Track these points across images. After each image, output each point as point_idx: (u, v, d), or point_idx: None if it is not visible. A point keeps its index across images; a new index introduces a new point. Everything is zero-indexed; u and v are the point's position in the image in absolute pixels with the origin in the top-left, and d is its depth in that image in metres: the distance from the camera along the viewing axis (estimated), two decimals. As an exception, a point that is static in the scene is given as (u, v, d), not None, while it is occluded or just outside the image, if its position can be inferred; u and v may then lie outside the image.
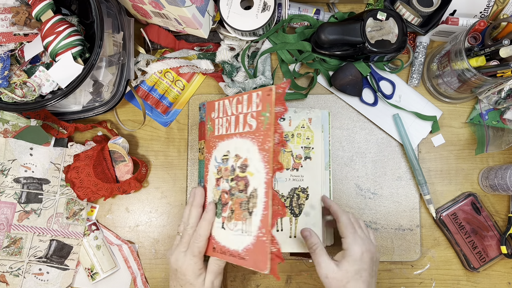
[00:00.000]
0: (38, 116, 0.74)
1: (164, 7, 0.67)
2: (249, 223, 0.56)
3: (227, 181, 0.60)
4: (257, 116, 0.56)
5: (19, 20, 0.68)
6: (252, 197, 0.56)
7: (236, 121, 0.60)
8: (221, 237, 0.60)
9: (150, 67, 0.78)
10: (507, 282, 0.77)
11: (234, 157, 0.60)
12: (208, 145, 0.65)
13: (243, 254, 0.56)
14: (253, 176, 0.56)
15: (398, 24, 0.71)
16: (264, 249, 0.53)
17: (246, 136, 0.58)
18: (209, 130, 0.64)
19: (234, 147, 0.60)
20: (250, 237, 0.55)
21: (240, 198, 0.58)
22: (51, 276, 0.75)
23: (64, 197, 0.76)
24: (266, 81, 0.77)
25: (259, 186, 0.55)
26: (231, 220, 0.59)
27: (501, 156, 0.79)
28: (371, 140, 0.79)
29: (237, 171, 0.59)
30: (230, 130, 0.61)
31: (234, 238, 0.58)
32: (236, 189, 0.59)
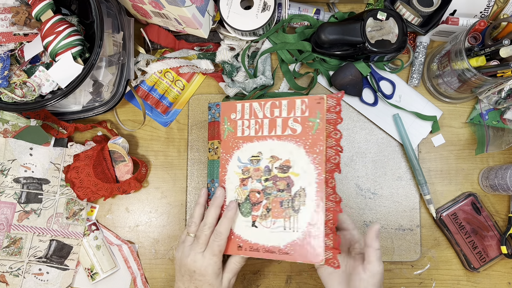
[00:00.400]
0: (38, 116, 0.74)
1: (164, 7, 0.67)
2: (295, 220, 0.61)
3: (259, 181, 0.64)
4: (303, 122, 0.62)
5: (19, 20, 0.68)
6: (298, 196, 0.61)
7: (271, 124, 0.64)
8: (251, 235, 0.63)
9: (150, 67, 0.78)
10: (507, 282, 0.77)
11: (269, 158, 0.64)
12: (227, 146, 0.66)
13: (286, 250, 0.61)
14: (299, 176, 0.62)
15: (398, 24, 0.71)
16: (317, 243, 0.59)
17: (288, 139, 0.63)
18: (228, 130, 0.66)
19: (269, 148, 0.64)
20: (297, 233, 0.60)
21: (281, 197, 0.62)
22: (51, 276, 0.75)
23: (64, 197, 0.76)
24: (266, 81, 0.77)
25: (308, 185, 0.61)
26: (266, 218, 0.63)
27: (501, 156, 0.78)
28: (371, 140, 0.79)
29: (274, 171, 0.63)
30: (262, 132, 0.64)
31: (272, 235, 0.62)
32: (273, 189, 0.63)
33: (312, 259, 0.59)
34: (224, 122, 0.67)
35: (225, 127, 0.67)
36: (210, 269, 0.61)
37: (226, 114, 0.67)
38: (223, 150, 0.66)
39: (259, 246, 0.62)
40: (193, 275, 0.62)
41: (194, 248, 0.62)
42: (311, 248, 0.60)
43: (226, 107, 0.67)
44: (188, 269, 0.62)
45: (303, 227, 0.60)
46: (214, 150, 0.67)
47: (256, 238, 0.63)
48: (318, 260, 0.59)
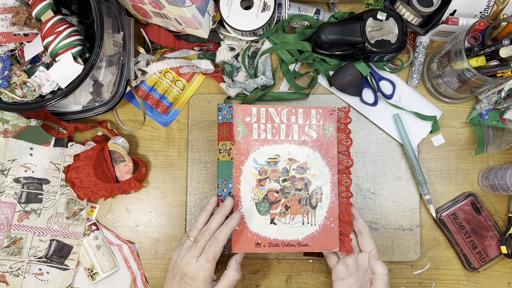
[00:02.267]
0: (38, 116, 0.74)
1: (164, 7, 0.67)
2: (312, 215, 0.70)
3: (277, 181, 0.70)
4: (318, 129, 0.71)
5: (19, 20, 0.68)
6: (315, 194, 0.70)
7: (288, 130, 0.71)
8: (270, 231, 0.69)
9: (150, 67, 0.78)
10: (507, 282, 0.77)
11: (287, 160, 0.70)
12: (241, 148, 0.69)
13: (305, 242, 0.69)
14: (316, 177, 0.71)
15: (398, 24, 0.71)
16: (333, 233, 0.70)
17: (305, 144, 0.71)
18: (242, 132, 0.70)
19: (286, 151, 0.71)
20: (315, 226, 0.70)
21: (299, 196, 0.70)
22: (51, 276, 0.75)
23: (64, 197, 0.76)
24: (267, 81, 0.77)
25: (324, 184, 0.71)
26: (286, 215, 0.70)
27: (501, 156, 0.79)
28: (371, 140, 0.79)
29: (292, 172, 0.70)
30: (279, 136, 0.71)
31: (291, 230, 0.69)
32: (291, 188, 0.70)
33: (329, 247, 0.70)
34: (238, 125, 0.70)
35: (239, 129, 0.70)
36: (201, 274, 0.61)
37: (240, 117, 0.70)
38: (237, 152, 0.70)
39: (279, 241, 0.69)
40: (184, 278, 0.62)
41: (191, 251, 0.63)
42: (327, 238, 0.70)
43: (240, 110, 0.70)
44: (181, 271, 0.62)
45: (320, 220, 0.70)
46: (226, 151, 0.69)
47: (275, 234, 0.69)
48: (335, 247, 0.69)
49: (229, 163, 0.69)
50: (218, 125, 0.70)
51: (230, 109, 0.70)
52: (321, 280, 0.76)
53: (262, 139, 0.70)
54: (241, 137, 0.70)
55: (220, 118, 0.69)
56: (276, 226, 0.69)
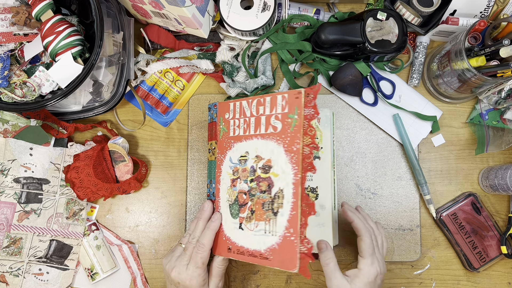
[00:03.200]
0: (38, 116, 0.74)
1: (164, 7, 0.67)
2: (274, 223, 0.57)
3: (246, 182, 0.61)
4: (283, 118, 0.58)
5: (19, 20, 0.68)
6: (277, 197, 0.58)
7: (257, 123, 0.61)
8: (238, 237, 0.61)
9: (150, 67, 0.78)
10: (507, 282, 0.77)
11: (254, 158, 0.61)
12: (221, 146, 0.65)
13: (266, 254, 0.57)
14: (278, 177, 0.58)
15: (398, 24, 0.71)
16: (293, 248, 0.54)
17: (270, 138, 0.60)
18: (222, 131, 0.65)
19: (254, 148, 0.61)
20: (275, 237, 0.56)
21: (263, 199, 0.59)
22: (51, 276, 0.75)
23: (64, 197, 0.76)
24: (267, 81, 0.77)
25: (286, 186, 0.57)
26: (251, 221, 0.60)
27: (501, 156, 0.78)
28: (371, 140, 0.79)
29: (258, 172, 0.60)
30: (249, 131, 0.62)
31: (254, 238, 0.59)
32: (257, 190, 0.60)
33: (288, 265, 0.55)
34: (220, 123, 0.67)
35: (221, 127, 0.66)
36: (194, 281, 0.61)
37: (222, 114, 0.67)
38: (219, 151, 0.66)
39: (244, 249, 0.60)
40: (179, 287, 0.63)
41: (180, 260, 0.63)
42: (287, 254, 0.55)
43: (222, 107, 0.67)
44: (173, 280, 0.63)
45: (280, 231, 0.57)
46: (212, 150, 0.67)
47: (242, 241, 0.61)
48: (294, 268, 0.54)
49: (214, 163, 0.67)
50: (208, 125, 0.67)
51: (215, 108, 0.67)
52: (321, 280, 0.76)
53: (236, 136, 0.64)
54: (222, 135, 0.66)
55: (209, 118, 0.68)
56: (243, 231, 0.61)
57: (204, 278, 0.62)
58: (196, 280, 0.61)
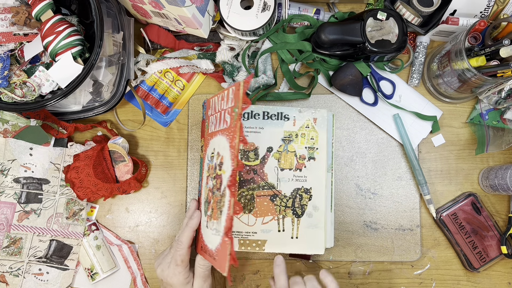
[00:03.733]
0: (38, 116, 0.74)
1: (164, 7, 0.67)
2: (219, 222, 0.54)
3: (212, 179, 0.60)
4: (231, 112, 0.55)
5: (19, 20, 0.68)
6: (223, 195, 0.55)
7: (220, 118, 0.59)
8: (205, 235, 0.60)
9: (150, 67, 0.78)
10: (507, 282, 0.77)
11: (216, 155, 0.59)
12: (206, 143, 0.66)
13: (215, 254, 0.55)
14: (225, 174, 0.55)
15: (398, 24, 0.71)
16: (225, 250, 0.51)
17: (224, 133, 0.57)
18: (207, 127, 0.65)
19: (217, 144, 0.60)
20: (219, 237, 0.54)
21: (216, 197, 0.57)
22: (51, 276, 0.75)
23: (64, 197, 0.76)
24: (268, 80, 0.77)
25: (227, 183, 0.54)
26: (211, 219, 0.58)
27: (501, 156, 0.78)
28: (371, 140, 0.79)
29: (217, 169, 0.58)
30: (216, 127, 0.61)
31: (211, 237, 0.57)
32: (215, 188, 0.58)
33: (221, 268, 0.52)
34: (207, 120, 0.67)
35: (206, 124, 0.67)
36: (175, 279, 0.62)
37: (207, 111, 0.67)
38: (204, 148, 0.67)
39: (207, 248, 0.58)
40: (163, 284, 0.64)
41: (165, 259, 0.64)
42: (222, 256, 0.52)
43: (208, 104, 0.67)
44: (160, 278, 0.65)
45: (222, 230, 0.53)
46: (201, 148, 0.67)
47: (206, 239, 0.59)
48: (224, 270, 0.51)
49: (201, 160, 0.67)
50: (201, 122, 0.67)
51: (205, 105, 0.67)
52: (321, 280, 0.76)
53: (211, 132, 0.63)
54: (207, 133, 0.66)
55: (203, 115, 0.68)
56: (207, 230, 0.59)
57: (185, 277, 0.62)
58: (177, 278, 0.62)
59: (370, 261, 0.77)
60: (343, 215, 0.77)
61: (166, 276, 0.63)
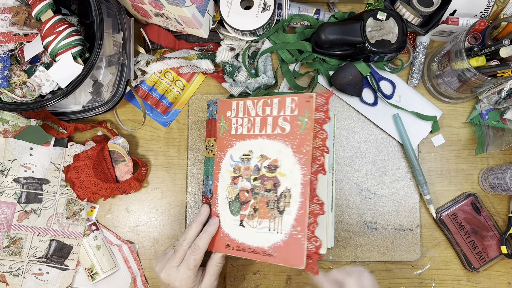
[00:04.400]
0: (38, 116, 0.74)
1: (164, 7, 0.67)
2: (279, 221, 0.59)
3: (249, 180, 0.62)
4: (292, 120, 0.60)
5: (19, 20, 0.68)
6: (283, 196, 0.59)
7: (262, 123, 0.63)
8: (239, 234, 0.62)
9: (150, 67, 0.78)
10: (507, 282, 0.77)
11: (259, 157, 0.62)
12: (221, 144, 0.66)
13: (269, 251, 0.59)
14: (286, 176, 0.59)
15: (398, 24, 0.71)
16: (300, 246, 0.56)
17: (277, 138, 0.61)
18: (223, 128, 0.65)
19: (259, 147, 0.62)
20: (280, 235, 0.58)
21: (267, 197, 0.61)
22: (51, 276, 0.75)
23: (64, 197, 0.76)
24: (269, 80, 0.77)
25: (293, 186, 0.59)
26: (253, 218, 0.61)
27: (501, 156, 0.78)
28: (371, 140, 0.79)
29: (263, 171, 0.62)
30: (253, 130, 0.63)
31: (257, 235, 0.60)
32: (261, 188, 0.61)
33: (294, 263, 0.57)
34: (220, 120, 0.67)
35: (221, 125, 0.67)
36: (183, 283, 0.61)
37: (223, 112, 0.67)
38: (218, 148, 0.66)
39: (245, 246, 0.61)
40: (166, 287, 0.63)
41: (170, 262, 0.63)
42: (293, 252, 0.57)
43: (223, 105, 0.67)
44: (163, 282, 0.63)
45: (286, 229, 0.58)
46: (210, 147, 0.67)
47: (242, 238, 0.62)
48: (300, 265, 0.56)
49: (212, 160, 0.67)
50: (206, 121, 0.67)
51: (215, 105, 0.67)
52: (321, 280, 0.76)
53: (238, 134, 0.65)
54: (222, 133, 0.66)
55: (208, 114, 0.68)
56: (244, 229, 0.62)
57: (194, 281, 0.62)
58: (185, 282, 0.61)
59: (370, 261, 0.77)
60: (343, 215, 0.77)
61: (173, 280, 0.61)
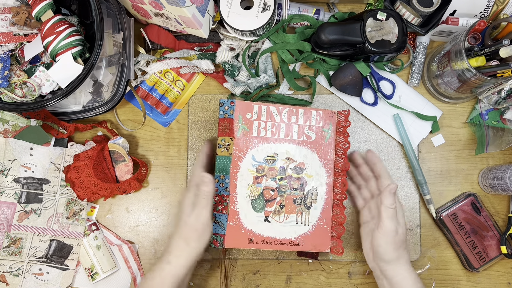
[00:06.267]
0: (38, 116, 0.74)
1: (164, 7, 0.67)
2: (306, 215, 0.71)
3: (274, 180, 0.70)
4: (318, 130, 0.72)
5: (19, 20, 0.68)
6: (310, 194, 0.71)
7: (288, 129, 0.71)
8: (264, 229, 0.70)
9: (150, 67, 0.78)
10: (507, 282, 0.77)
11: (284, 159, 0.71)
12: (241, 144, 0.70)
13: (297, 241, 0.70)
14: (312, 178, 0.71)
15: (398, 24, 0.71)
16: (325, 234, 0.71)
17: (303, 144, 0.71)
18: (242, 129, 0.70)
19: (284, 150, 0.71)
20: (307, 227, 0.71)
21: (294, 195, 0.71)
22: (51, 276, 0.75)
23: (64, 197, 0.76)
24: (269, 79, 0.77)
25: (319, 186, 0.71)
26: (280, 214, 0.70)
27: (501, 156, 0.78)
28: (371, 140, 0.79)
29: (289, 172, 0.71)
30: (278, 135, 0.71)
31: (284, 228, 0.70)
32: (287, 187, 0.71)
33: (321, 248, 0.71)
34: (238, 121, 0.70)
35: (239, 125, 0.70)
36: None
37: (241, 113, 0.71)
38: (236, 148, 0.70)
39: (271, 239, 0.70)
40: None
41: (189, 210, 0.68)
42: (320, 239, 0.71)
43: (242, 106, 0.71)
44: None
45: (313, 221, 0.71)
46: (225, 146, 0.70)
47: (268, 232, 0.70)
48: (326, 248, 0.71)
49: (227, 158, 0.70)
50: (218, 119, 0.70)
51: (232, 105, 0.70)
52: (321, 280, 0.77)
53: (261, 137, 0.71)
54: (241, 133, 0.70)
55: (221, 113, 0.70)
56: (270, 224, 0.70)
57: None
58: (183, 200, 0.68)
59: (370, 261, 0.77)
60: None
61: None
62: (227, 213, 0.69)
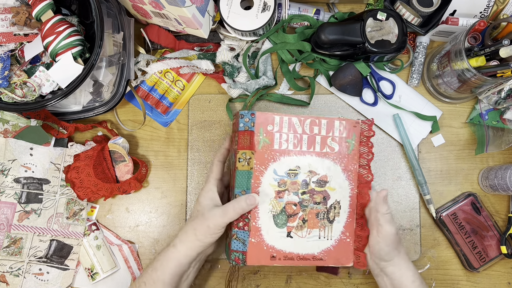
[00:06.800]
0: (38, 116, 0.74)
1: (164, 7, 0.67)
2: (329, 229, 0.68)
3: (296, 194, 0.67)
4: (341, 141, 0.69)
5: (19, 20, 0.68)
6: (333, 208, 0.68)
7: (310, 141, 0.68)
8: (286, 245, 0.67)
9: (150, 67, 0.78)
10: (507, 282, 0.77)
11: (307, 172, 0.68)
12: (262, 157, 0.66)
13: (320, 256, 0.68)
14: (335, 191, 0.68)
15: (398, 24, 0.71)
16: (348, 247, 0.69)
17: (326, 156, 0.68)
18: (263, 141, 0.67)
19: (307, 163, 0.68)
20: (330, 241, 0.68)
21: (317, 209, 0.68)
22: (51, 276, 0.75)
23: (64, 197, 0.76)
24: (269, 81, 0.77)
25: (342, 199, 0.68)
26: (302, 229, 0.67)
27: (501, 156, 0.79)
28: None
29: (311, 185, 0.68)
30: (301, 147, 0.68)
31: (307, 244, 0.67)
32: (310, 201, 0.68)
33: (344, 262, 0.69)
34: (259, 133, 0.67)
35: (260, 138, 0.67)
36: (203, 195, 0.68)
37: (263, 125, 0.67)
38: (257, 161, 0.66)
39: (294, 255, 0.67)
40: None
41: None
42: (343, 253, 0.68)
43: (263, 118, 0.67)
44: None
45: (336, 235, 0.68)
46: (246, 160, 0.66)
47: (291, 248, 0.67)
48: (349, 262, 0.69)
49: (248, 173, 0.66)
50: (239, 132, 0.66)
51: (253, 117, 0.66)
52: (321, 280, 0.77)
53: (283, 149, 0.67)
54: (262, 147, 0.67)
55: (241, 125, 0.66)
56: (292, 239, 0.67)
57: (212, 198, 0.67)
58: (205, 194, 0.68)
59: (370, 261, 0.77)
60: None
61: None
62: (249, 230, 0.66)
